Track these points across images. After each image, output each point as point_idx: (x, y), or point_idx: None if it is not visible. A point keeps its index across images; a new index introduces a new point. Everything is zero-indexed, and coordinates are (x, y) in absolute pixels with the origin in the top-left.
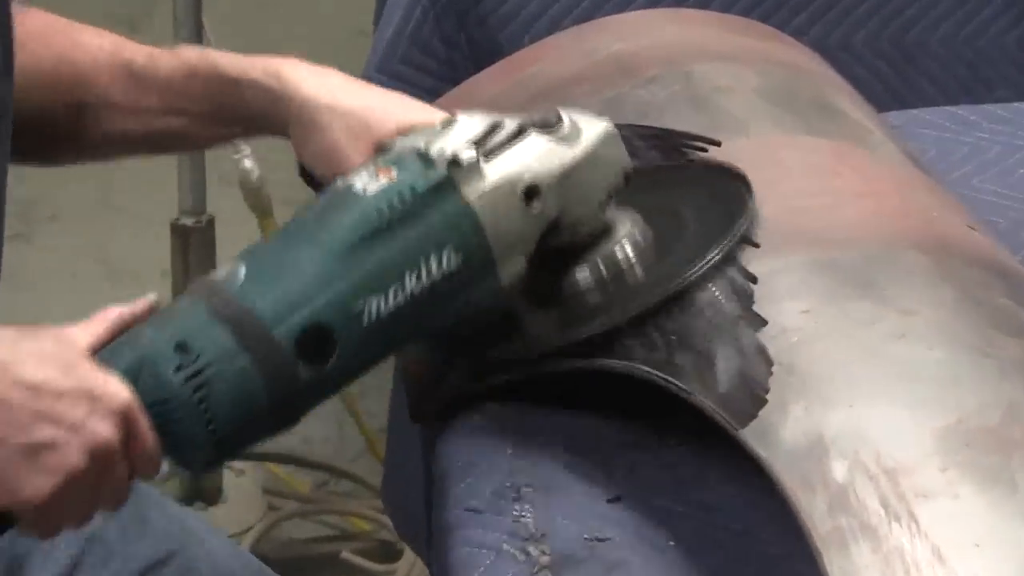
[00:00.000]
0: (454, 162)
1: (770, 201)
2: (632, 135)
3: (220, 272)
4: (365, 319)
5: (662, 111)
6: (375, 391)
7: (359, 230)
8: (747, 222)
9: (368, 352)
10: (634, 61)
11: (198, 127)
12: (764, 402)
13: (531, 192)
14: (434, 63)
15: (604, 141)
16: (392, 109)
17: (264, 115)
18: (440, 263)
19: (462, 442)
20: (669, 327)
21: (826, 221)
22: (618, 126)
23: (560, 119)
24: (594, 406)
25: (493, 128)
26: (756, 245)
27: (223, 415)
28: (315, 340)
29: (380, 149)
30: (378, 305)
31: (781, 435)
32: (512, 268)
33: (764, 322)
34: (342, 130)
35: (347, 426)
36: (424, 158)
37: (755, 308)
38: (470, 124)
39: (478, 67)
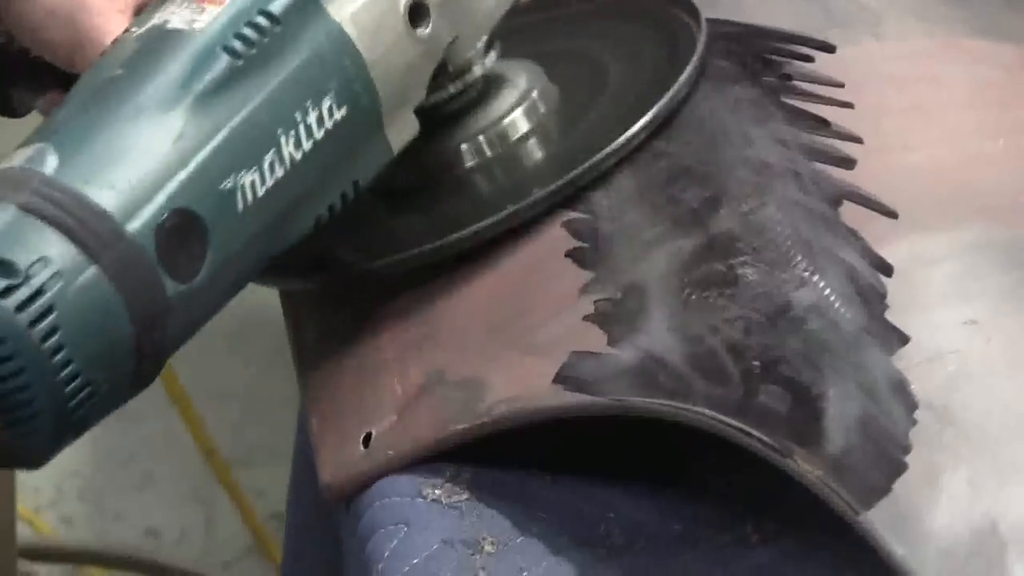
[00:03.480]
0: None
1: (919, 142)
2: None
3: (16, 159)
4: (239, 202)
5: None
6: (264, 454)
7: (205, 77)
8: (692, 75)
9: (247, 250)
10: None
11: None
12: (904, 468)
13: (416, 10)
14: None
15: None
16: None
17: None
18: (321, 116)
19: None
20: (749, 345)
21: (1010, 176)
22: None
23: None
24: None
25: None
26: (891, 213)
27: (80, 355)
28: (182, 235)
29: None
30: (252, 182)
31: (931, 523)
32: (403, 127)
33: (905, 339)
34: None
35: (220, 510)
36: None
37: (889, 317)
38: None
39: None
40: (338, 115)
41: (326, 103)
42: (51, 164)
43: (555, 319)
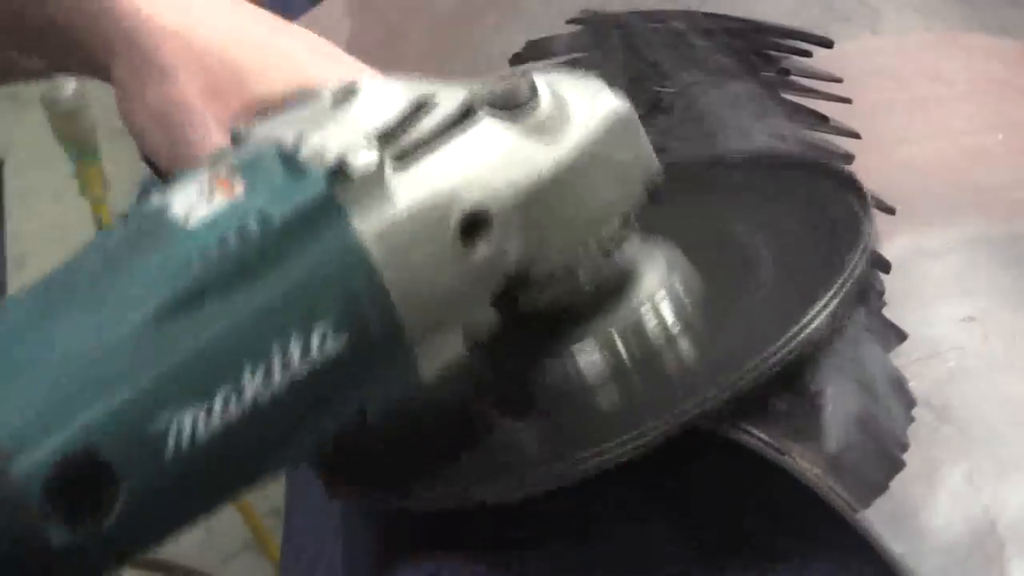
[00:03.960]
0: (339, 171)
1: (917, 137)
2: (689, 30)
3: None
4: (169, 446)
5: None
6: None
7: (167, 290)
8: (862, 258)
9: (177, 501)
10: None
11: None
12: (902, 466)
13: (473, 224)
14: None
15: (611, 132)
16: (289, 57)
17: (78, 40)
18: (308, 348)
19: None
20: None
21: (1009, 171)
22: (668, 15)
23: (534, 92)
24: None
25: (418, 108)
26: (888, 209)
27: None
28: (80, 480)
29: (233, 139)
30: (193, 423)
31: (929, 521)
32: (442, 351)
33: (903, 336)
34: (194, 79)
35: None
36: (290, 161)
37: (887, 313)
38: (379, 99)
39: None
40: (332, 344)
41: (317, 330)
42: None
43: None
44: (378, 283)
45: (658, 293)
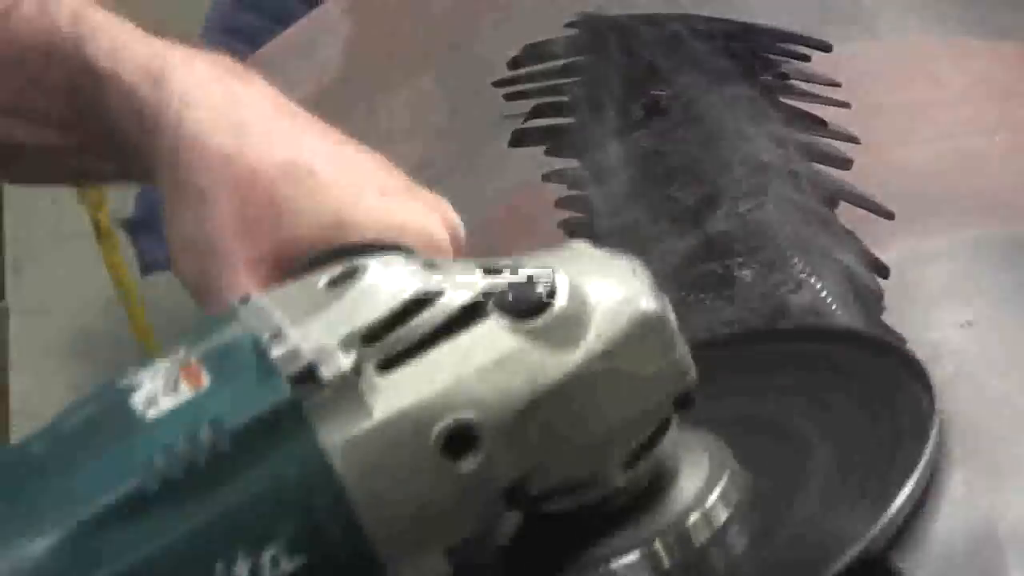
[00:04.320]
0: (308, 376)
1: (916, 140)
2: (687, 32)
3: None
4: None
5: None
6: None
7: (109, 495)
8: (934, 450)
9: None
10: None
11: (43, 142)
12: None
13: (459, 438)
14: None
15: (636, 338)
16: (340, 186)
17: (136, 149)
18: (256, 569)
19: None
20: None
21: (1008, 175)
22: (666, 18)
23: (552, 293)
24: None
25: (417, 303)
26: (887, 214)
27: None
28: None
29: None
30: None
31: (928, 527)
32: (419, 574)
33: (902, 341)
34: (230, 208)
35: None
36: (262, 359)
37: (886, 318)
38: (379, 287)
39: None
40: (287, 566)
41: (268, 552)
42: None
43: None
44: (343, 500)
45: (704, 494)
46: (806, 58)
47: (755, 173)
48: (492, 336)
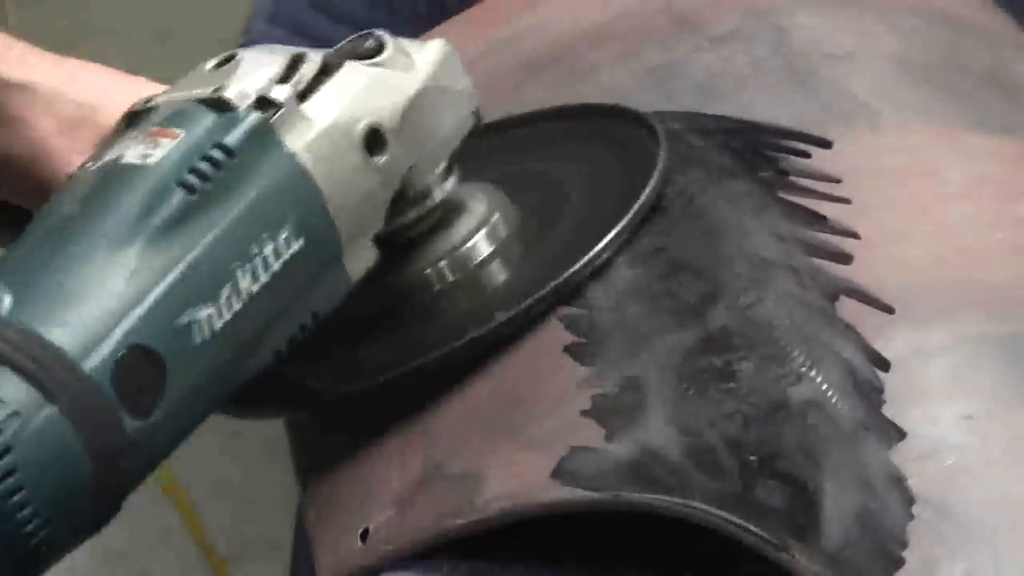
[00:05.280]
0: (264, 102)
1: (916, 236)
2: (687, 129)
3: None
4: (196, 336)
5: (739, 89)
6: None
7: (159, 212)
8: (653, 191)
9: (206, 384)
10: (695, 6)
11: None
12: (901, 563)
13: (373, 138)
14: (360, 8)
15: (445, 64)
16: (127, 82)
17: None
18: (277, 249)
19: None
20: (747, 440)
21: (1008, 271)
22: (666, 116)
23: (381, 43)
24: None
25: (294, 62)
26: (887, 308)
27: (39, 495)
28: (139, 371)
29: (133, 117)
30: (209, 316)
31: None
32: (362, 256)
33: (903, 434)
34: (45, 117)
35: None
36: (218, 105)
37: (886, 411)
38: (259, 61)
39: (432, 19)
40: (295, 247)
41: (283, 235)
42: (5, 303)
43: (553, 413)
44: (316, 191)
45: (479, 223)
46: (806, 155)
47: (756, 268)
48: (358, 72)
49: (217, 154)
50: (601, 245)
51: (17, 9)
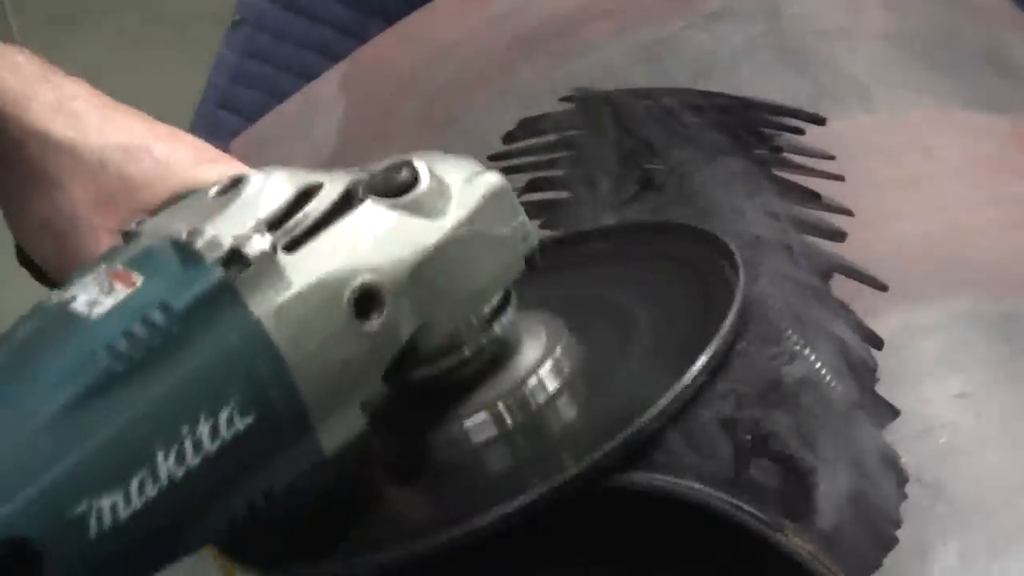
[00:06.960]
0: (234, 257)
1: (909, 213)
2: (681, 107)
3: None
4: (92, 528)
5: (733, 67)
6: None
7: (77, 381)
8: (734, 324)
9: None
10: None
11: None
12: (895, 543)
13: (366, 299)
14: None
15: (490, 206)
16: (176, 163)
17: None
18: (216, 428)
19: None
20: (740, 419)
21: (1000, 249)
22: (660, 92)
23: (416, 175)
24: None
25: (303, 196)
26: (881, 286)
27: None
28: (11, 566)
29: (125, 237)
30: (113, 505)
31: None
32: (343, 426)
33: (896, 413)
34: (84, 191)
35: None
36: (185, 252)
37: (880, 390)
38: (265, 191)
39: None
40: (240, 425)
41: (224, 413)
42: None
43: None
44: (279, 360)
45: (540, 360)
46: (800, 131)
47: (749, 247)
48: (374, 214)
49: (157, 317)
50: (675, 393)
51: None
